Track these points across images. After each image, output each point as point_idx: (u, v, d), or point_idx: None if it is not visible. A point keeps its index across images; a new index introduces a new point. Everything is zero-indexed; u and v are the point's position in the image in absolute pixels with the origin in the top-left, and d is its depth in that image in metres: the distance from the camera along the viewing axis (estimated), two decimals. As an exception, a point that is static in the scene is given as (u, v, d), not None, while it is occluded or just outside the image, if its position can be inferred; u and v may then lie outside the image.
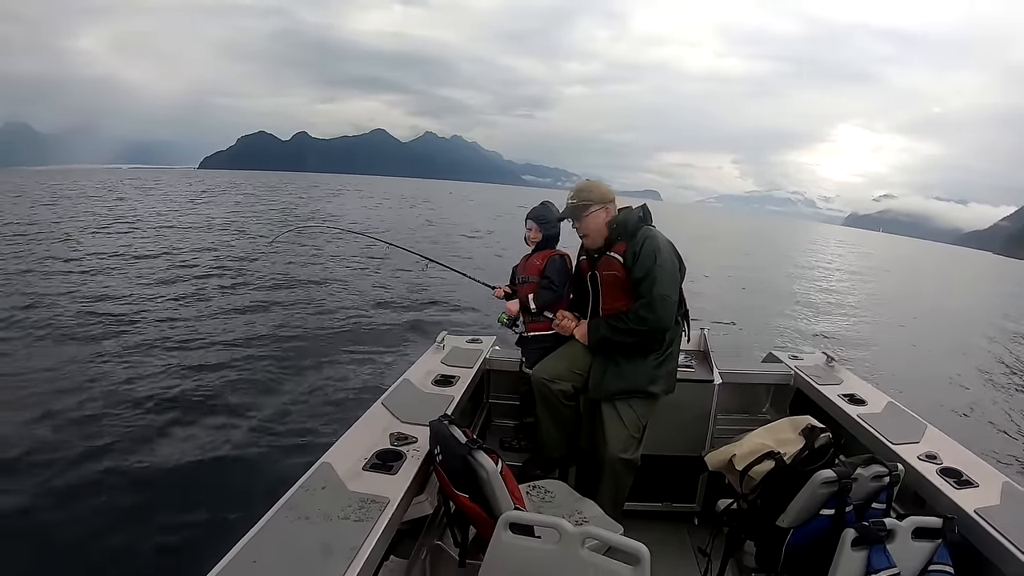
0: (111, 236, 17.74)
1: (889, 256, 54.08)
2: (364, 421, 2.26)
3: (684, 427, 2.85)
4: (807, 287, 19.23)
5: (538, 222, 2.94)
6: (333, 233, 13.57)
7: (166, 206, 30.62)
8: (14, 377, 6.03)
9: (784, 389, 3.30)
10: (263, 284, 11.71)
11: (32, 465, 4.40)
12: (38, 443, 4.71)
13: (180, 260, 14.03)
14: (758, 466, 2.08)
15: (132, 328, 8.18)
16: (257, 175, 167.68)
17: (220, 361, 6.93)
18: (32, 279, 11.08)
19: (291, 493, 1.71)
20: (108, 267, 12.77)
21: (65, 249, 14.76)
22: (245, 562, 1.41)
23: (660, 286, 2.35)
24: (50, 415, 5.23)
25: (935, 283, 29.75)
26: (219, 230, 20.85)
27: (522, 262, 3.06)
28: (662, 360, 2.49)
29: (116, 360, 6.78)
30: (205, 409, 5.57)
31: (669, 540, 2.77)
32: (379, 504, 1.68)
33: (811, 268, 27.66)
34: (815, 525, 1.81)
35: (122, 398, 5.69)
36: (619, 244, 2.48)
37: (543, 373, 2.62)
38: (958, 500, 1.94)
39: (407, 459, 1.96)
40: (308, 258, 14.91)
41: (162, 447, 4.81)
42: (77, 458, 4.56)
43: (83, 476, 4.34)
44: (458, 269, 3.83)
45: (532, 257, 2.98)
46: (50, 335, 7.64)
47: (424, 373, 2.83)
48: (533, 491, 2.26)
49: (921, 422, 2.58)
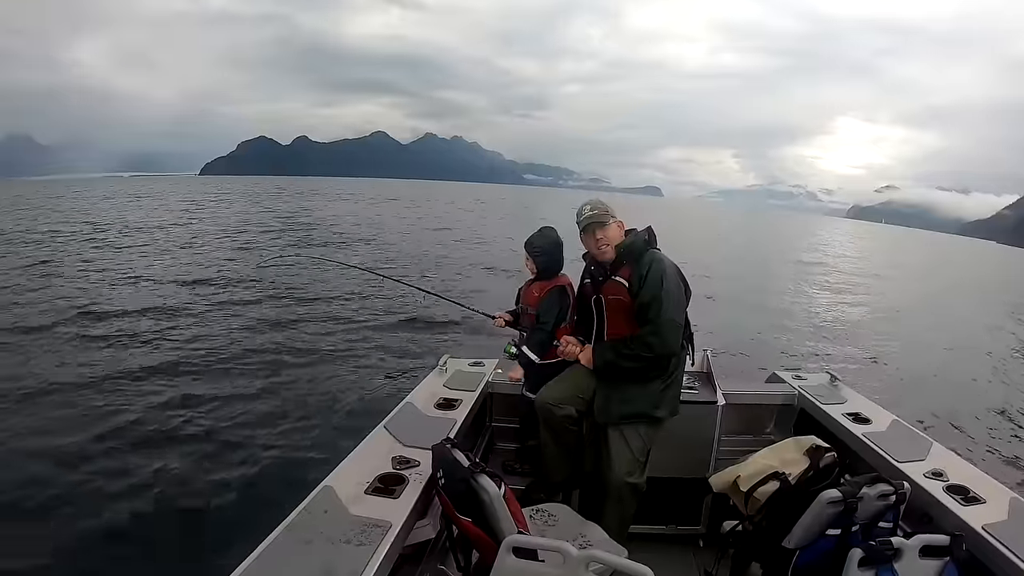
0: (101, 251, 17.73)
1: (894, 251, 53.57)
2: (366, 444, 2.26)
3: (688, 449, 2.83)
4: (810, 295, 19.02)
5: (531, 253, 2.94)
6: (326, 265, 13.17)
7: (156, 219, 30.40)
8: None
9: (788, 409, 3.29)
10: (262, 304, 11.69)
11: (29, 484, 4.37)
12: (35, 462, 4.70)
13: (172, 278, 14.03)
14: (763, 487, 2.06)
15: (130, 347, 8.18)
16: (257, 180, 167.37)
17: (220, 382, 6.89)
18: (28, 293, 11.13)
19: (293, 516, 1.71)
20: (104, 282, 12.80)
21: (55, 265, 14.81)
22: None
23: (666, 311, 2.35)
24: (47, 432, 5.23)
25: (941, 280, 29.13)
26: (211, 245, 20.74)
27: (526, 285, 3.08)
28: (667, 384, 2.49)
29: (112, 380, 6.75)
30: (207, 431, 5.53)
31: (674, 563, 2.73)
32: (381, 528, 1.67)
33: (813, 270, 27.34)
34: (821, 545, 1.80)
35: (120, 420, 5.65)
36: (624, 268, 2.48)
37: (547, 398, 2.62)
38: (965, 517, 1.92)
39: (409, 483, 1.96)
40: (308, 276, 14.96)
41: (163, 468, 4.76)
42: (74, 477, 4.53)
43: (81, 496, 4.30)
44: (456, 300, 3.86)
45: (532, 286, 3.00)
46: (48, 349, 7.66)
47: (426, 396, 2.83)
48: (536, 515, 2.24)
49: (926, 439, 2.57)
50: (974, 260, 59.94)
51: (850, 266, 31.32)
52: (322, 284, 13.58)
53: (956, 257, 61.81)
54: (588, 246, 2.58)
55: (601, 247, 2.52)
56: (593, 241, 2.52)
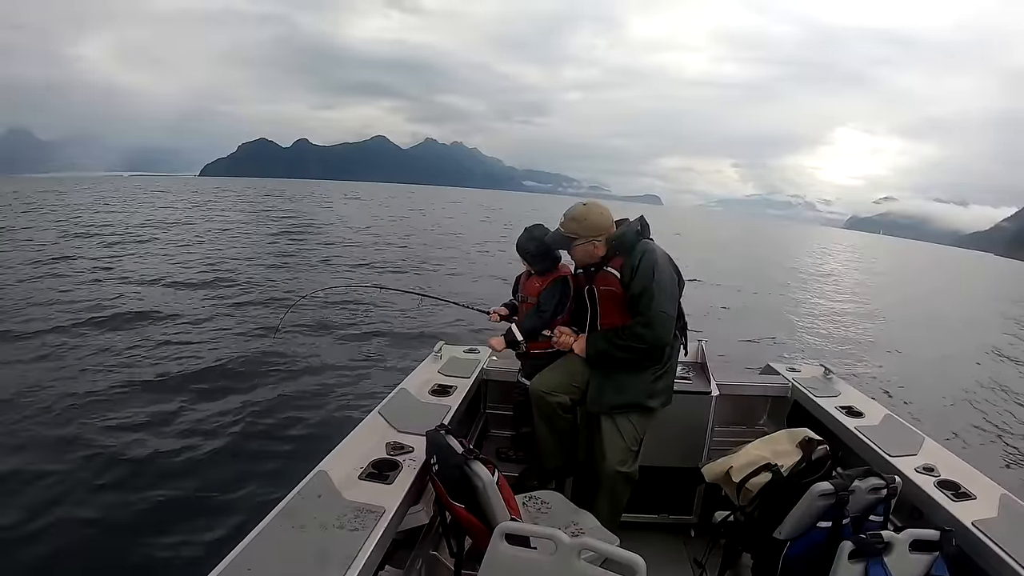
0: (98, 246, 17.65)
1: (890, 262, 53.99)
2: (361, 430, 2.26)
3: (681, 439, 2.84)
4: (804, 295, 19.19)
5: (524, 258, 2.89)
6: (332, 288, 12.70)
7: (158, 215, 30.39)
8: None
9: (781, 401, 3.30)
10: (257, 292, 11.68)
11: (29, 475, 4.36)
12: (33, 452, 4.68)
13: (168, 269, 14.01)
14: (755, 478, 2.07)
15: (119, 333, 8.18)
16: (257, 182, 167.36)
17: (214, 368, 6.88)
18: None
19: (287, 501, 1.71)
20: (102, 278, 12.74)
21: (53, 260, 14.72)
22: (240, 570, 1.41)
23: (658, 303, 2.33)
24: (45, 421, 5.21)
25: (936, 290, 29.45)
26: (210, 239, 20.76)
27: (525, 275, 3.05)
28: (660, 374, 2.49)
29: (105, 367, 6.76)
30: (201, 417, 5.53)
31: (666, 552, 2.76)
32: (375, 513, 1.67)
33: (810, 274, 27.62)
34: (812, 537, 1.81)
35: (114, 405, 5.66)
36: (616, 259, 2.45)
37: (541, 386, 2.62)
38: (956, 512, 1.94)
39: (403, 469, 1.96)
40: (305, 267, 14.91)
41: (157, 454, 4.77)
42: (70, 463, 4.53)
43: (76, 482, 4.30)
44: (451, 299, 3.86)
45: (533, 277, 2.95)
46: (47, 339, 7.62)
47: (421, 383, 2.82)
48: (529, 502, 2.25)
49: (918, 434, 2.58)
50: (970, 270, 59.72)
51: (847, 272, 31.59)
52: (317, 273, 13.53)
53: (953, 267, 61.75)
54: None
55: (575, 259, 2.59)
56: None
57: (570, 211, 2.53)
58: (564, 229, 2.51)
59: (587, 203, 2.56)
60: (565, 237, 2.50)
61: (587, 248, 2.48)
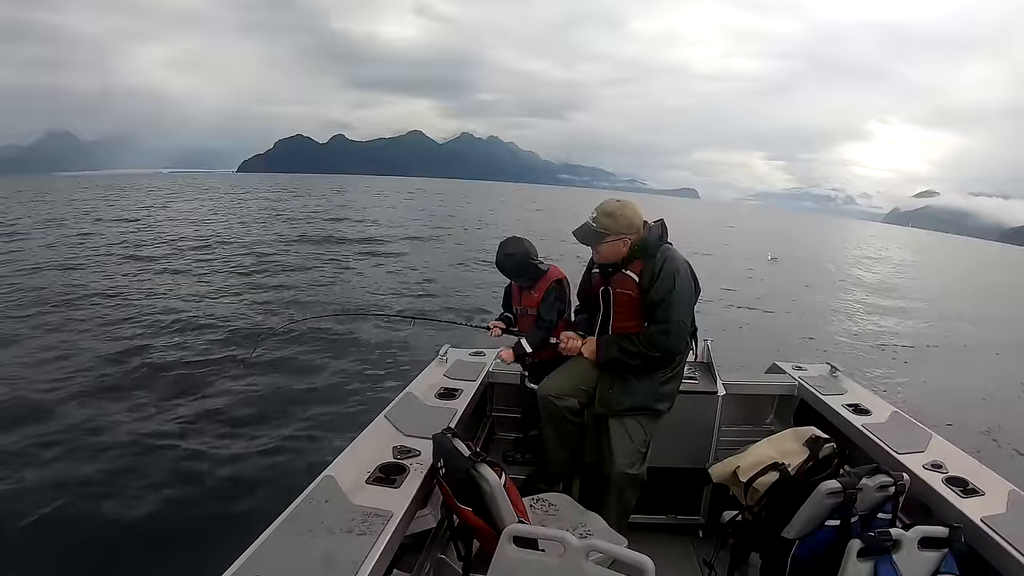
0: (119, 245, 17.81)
1: (928, 255, 52.19)
2: (367, 434, 2.26)
3: (688, 439, 2.84)
4: (819, 292, 18.94)
5: (508, 277, 2.90)
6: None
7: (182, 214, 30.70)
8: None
9: (788, 400, 3.29)
10: (264, 294, 11.71)
11: (35, 482, 4.39)
12: (40, 457, 4.72)
13: (181, 266, 14.09)
14: (762, 477, 2.07)
15: (127, 333, 8.26)
16: (293, 178, 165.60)
17: (222, 373, 6.92)
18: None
19: (294, 506, 1.72)
20: (120, 275, 12.86)
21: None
22: (247, 575, 1.41)
23: (676, 312, 2.32)
24: (51, 426, 5.25)
25: (979, 287, 28.72)
26: (229, 237, 20.88)
27: (515, 287, 3.04)
28: (669, 378, 2.48)
29: (115, 369, 6.82)
30: (208, 422, 5.56)
31: (674, 552, 2.75)
32: (382, 517, 1.68)
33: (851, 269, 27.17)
34: (820, 536, 1.80)
35: (124, 408, 5.70)
36: (636, 262, 2.42)
37: (549, 390, 2.61)
38: (964, 509, 1.93)
39: (410, 472, 1.96)
40: (312, 269, 14.92)
41: (164, 459, 4.80)
42: (76, 467, 4.58)
43: (82, 485, 4.34)
44: (448, 319, 3.85)
45: (527, 289, 2.95)
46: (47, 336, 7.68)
47: (427, 386, 2.83)
48: (537, 504, 2.25)
49: (926, 431, 2.57)
50: (1012, 266, 57.85)
51: (882, 267, 31.20)
52: (321, 272, 13.53)
53: (994, 264, 59.61)
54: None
55: (600, 256, 2.49)
56: (593, 251, 2.51)
57: (604, 206, 2.45)
58: (597, 225, 2.40)
59: (621, 200, 2.50)
60: (596, 232, 2.41)
61: (616, 246, 2.42)
